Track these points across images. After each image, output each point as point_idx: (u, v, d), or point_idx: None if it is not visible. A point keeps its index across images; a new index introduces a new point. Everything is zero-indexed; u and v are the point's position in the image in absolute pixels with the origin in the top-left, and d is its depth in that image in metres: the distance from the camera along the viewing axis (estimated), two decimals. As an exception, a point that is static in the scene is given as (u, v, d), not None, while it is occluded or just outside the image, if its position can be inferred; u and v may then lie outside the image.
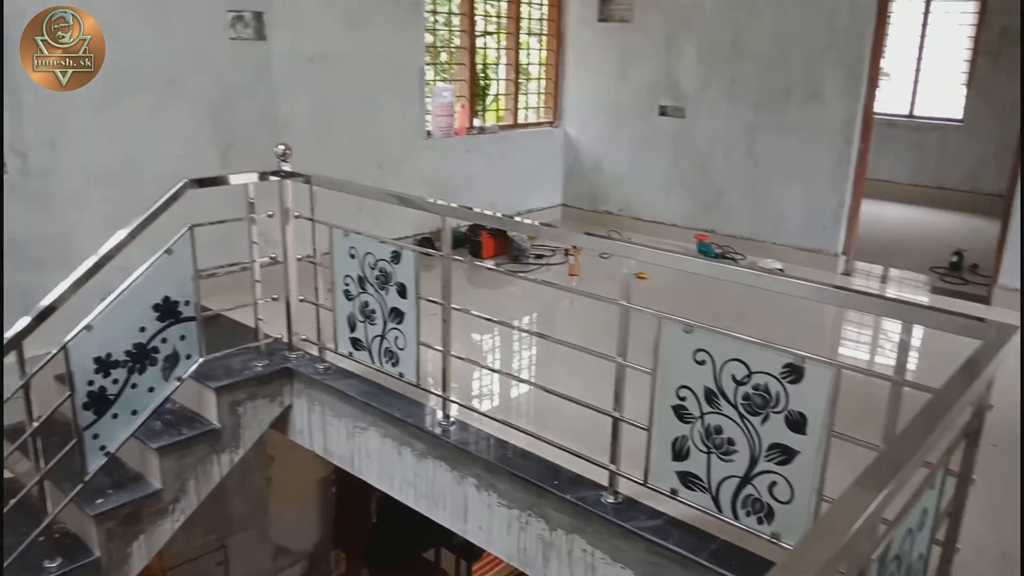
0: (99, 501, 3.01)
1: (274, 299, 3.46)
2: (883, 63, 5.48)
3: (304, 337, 3.56)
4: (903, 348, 1.93)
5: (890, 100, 8.32)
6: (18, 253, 3.70)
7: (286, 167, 3.35)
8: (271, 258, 3.44)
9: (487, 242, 5.41)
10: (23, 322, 2.65)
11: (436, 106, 5.60)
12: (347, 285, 3.21)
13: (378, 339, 3.14)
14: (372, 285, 3.09)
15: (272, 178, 3.36)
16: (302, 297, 3.50)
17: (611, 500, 2.44)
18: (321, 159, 3.74)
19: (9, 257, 3.69)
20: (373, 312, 3.12)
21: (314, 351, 3.51)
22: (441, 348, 2.94)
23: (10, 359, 2.65)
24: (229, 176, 3.39)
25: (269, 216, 3.38)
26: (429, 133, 5.59)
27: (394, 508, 4.65)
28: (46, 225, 3.78)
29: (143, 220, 2.95)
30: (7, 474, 3.32)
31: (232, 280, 3.54)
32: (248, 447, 3.45)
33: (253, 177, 3.33)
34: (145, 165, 4.04)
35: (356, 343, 3.25)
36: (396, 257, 2.97)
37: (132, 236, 2.91)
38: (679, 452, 2.23)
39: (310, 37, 4.66)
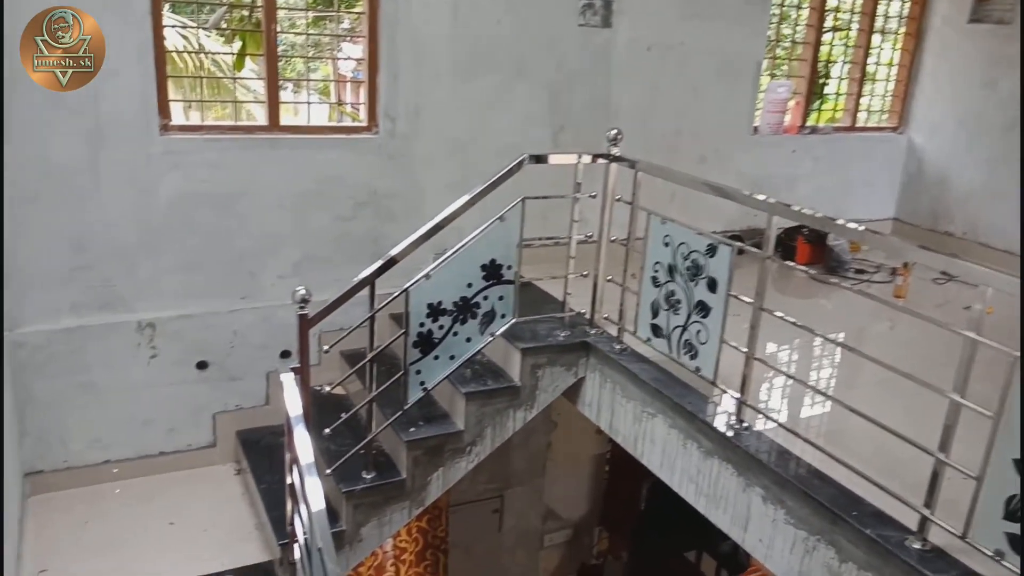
0: (412, 430, 3.41)
1: (583, 275, 3.61)
2: None
3: (606, 316, 3.66)
4: None
5: None
6: (376, 203, 4.29)
7: (615, 151, 3.45)
8: (586, 236, 3.58)
9: (802, 248, 5.12)
10: (375, 265, 3.09)
11: (768, 102, 5.39)
12: (656, 272, 3.24)
13: (679, 330, 3.14)
14: (682, 276, 3.09)
15: (600, 160, 3.48)
16: (609, 277, 3.61)
17: (918, 546, 2.21)
18: (643, 146, 3.79)
19: (368, 207, 4.28)
20: (678, 302, 3.13)
21: (613, 331, 3.60)
22: (745, 349, 2.86)
23: (362, 294, 3.10)
24: (561, 155, 3.57)
25: (592, 196, 3.51)
26: (756, 129, 5.41)
27: (665, 499, 4.66)
28: (401, 182, 4.31)
29: (485, 188, 3.24)
30: (340, 391, 3.88)
31: (545, 252, 3.77)
32: (540, 409, 3.67)
33: (584, 158, 3.47)
34: (485, 137, 4.41)
35: (656, 330, 3.28)
36: (712, 251, 2.94)
37: (473, 202, 3.22)
38: (1013, 512, 1.95)
39: (651, 26, 4.73)
